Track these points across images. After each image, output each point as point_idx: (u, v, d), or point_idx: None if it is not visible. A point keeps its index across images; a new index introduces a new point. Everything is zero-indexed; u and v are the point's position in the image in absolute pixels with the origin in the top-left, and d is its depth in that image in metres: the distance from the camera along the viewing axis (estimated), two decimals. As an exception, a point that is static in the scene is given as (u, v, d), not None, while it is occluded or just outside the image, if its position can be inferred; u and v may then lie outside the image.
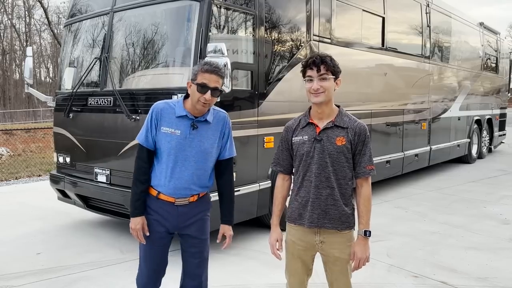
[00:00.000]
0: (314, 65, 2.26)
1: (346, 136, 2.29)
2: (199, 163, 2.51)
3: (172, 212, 2.53)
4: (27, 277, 4.11)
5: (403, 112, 7.99)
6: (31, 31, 43.69)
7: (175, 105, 2.50)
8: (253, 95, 4.87)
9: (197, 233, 2.60)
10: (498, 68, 13.25)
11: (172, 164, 2.47)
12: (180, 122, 2.46)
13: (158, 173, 2.52)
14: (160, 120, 2.47)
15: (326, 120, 2.33)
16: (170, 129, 2.46)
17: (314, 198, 2.31)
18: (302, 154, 2.33)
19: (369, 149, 2.32)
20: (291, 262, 2.44)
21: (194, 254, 2.62)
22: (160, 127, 2.47)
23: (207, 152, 2.52)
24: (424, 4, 8.61)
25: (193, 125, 2.47)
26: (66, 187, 5.43)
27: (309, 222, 2.32)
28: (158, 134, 2.48)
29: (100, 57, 5.01)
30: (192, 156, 2.48)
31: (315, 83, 2.26)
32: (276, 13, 5.21)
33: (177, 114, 2.47)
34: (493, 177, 9.51)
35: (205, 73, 2.40)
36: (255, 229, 5.40)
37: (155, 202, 2.54)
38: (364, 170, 2.30)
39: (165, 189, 2.50)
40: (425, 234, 5.42)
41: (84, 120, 5.22)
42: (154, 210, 2.55)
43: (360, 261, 2.28)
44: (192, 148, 2.48)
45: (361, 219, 2.31)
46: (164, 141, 2.47)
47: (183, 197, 2.53)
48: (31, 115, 37.43)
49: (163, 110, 2.49)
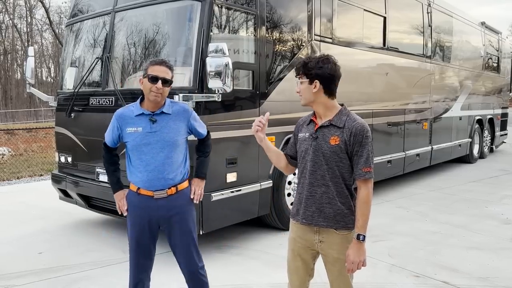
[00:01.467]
0: (295, 70, 2.39)
1: (340, 136, 2.26)
2: (167, 153, 2.69)
3: (152, 205, 2.70)
4: (28, 276, 4.12)
5: (405, 111, 7.98)
6: (33, 31, 43.80)
7: (133, 106, 2.75)
8: (254, 95, 4.87)
9: (179, 225, 2.75)
10: (499, 68, 13.23)
11: (142, 158, 2.69)
12: (139, 120, 2.69)
13: (134, 169, 2.73)
14: (122, 124, 2.73)
15: (325, 119, 2.34)
16: (133, 128, 2.69)
17: (308, 196, 2.32)
18: (302, 151, 2.37)
19: (367, 150, 2.25)
20: (292, 260, 2.45)
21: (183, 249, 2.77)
22: (125, 129, 2.71)
23: (172, 142, 2.71)
24: (425, 4, 8.60)
25: (151, 119, 2.68)
26: (68, 186, 5.44)
27: (302, 218, 2.34)
28: (125, 136, 2.73)
29: (101, 57, 5.02)
30: (158, 148, 2.68)
31: (297, 86, 2.37)
32: (277, 13, 5.21)
33: (135, 113, 2.71)
34: (495, 177, 9.50)
35: (154, 66, 2.65)
36: (257, 229, 5.41)
37: (136, 196, 2.74)
38: (359, 172, 2.25)
39: (142, 183, 2.70)
40: (426, 234, 5.41)
41: (86, 120, 5.23)
42: (136, 205, 2.75)
43: (353, 264, 2.23)
44: (157, 141, 2.68)
45: (357, 222, 2.25)
46: (130, 140, 2.70)
47: (160, 189, 2.69)
48: (32, 114, 37.50)
49: (123, 114, 2.75)
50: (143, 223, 2.73)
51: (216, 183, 4.45)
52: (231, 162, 4.62)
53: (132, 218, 2.77)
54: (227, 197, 4.56)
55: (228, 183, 4.59)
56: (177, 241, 2.77)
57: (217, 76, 3.90)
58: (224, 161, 4.54)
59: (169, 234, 2.78)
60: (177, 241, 2.77)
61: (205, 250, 4.57)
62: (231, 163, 4.62)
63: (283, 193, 5.30)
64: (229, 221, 4.77)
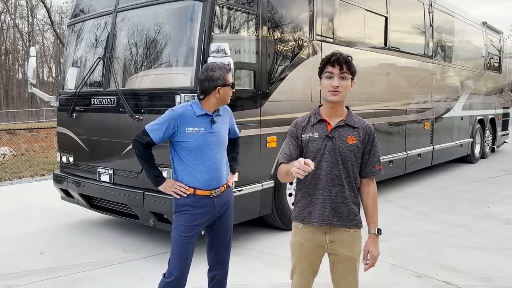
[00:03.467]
0: (337, 62, 2.27)
1: (357, 136, 2.31)
2: (222, 152, 2.85)
3: (209, 204, 2.80)
4: (30, 276, 4.13)
5: (406, 111, 7.98)
6: (34, 31, 43.88)
7: (191, 106, 2.79)
8: (256, 95, 4.87)
9: (227, 220, 2.93)
10: (501, 68, 13.22)
11: (203, 158, 2.75)
12: (201, 120, 2.76)
13: (191, 170, 2.75)
14: (181, 123, 2.72)
15: (337, 119, 2.33)
16: (194, 128, 2.74)
17: (325, 196, 2.30)
18: (312, 151, 2.31)
19: (378, 150, 2.37)
20: (298, 264, 2.42)
21: (224, 241, 2.94)
22: (184, 128, 2.72)
23: (225, 141, 2.89)
24: (427, 4, 8.60)
25: (213, 120, 2.79)
26: (70, 186, 5.45)
27: (320, 219, 2.30)
28: (183, 135, 2.72)
29: (103, 57, 5.02)
30: (217, 148, 2.81)
31: (336, 80, 2.26)
32: (279, 12, 5.21)
33: (197, 114, 2.76)
34: (496, 177, 9.49)
35: None
36: (258, 229, 5.41)
37: (192, 198, 2.77)
38: (373, 170, 2.35)
39: (202, 183, 2.76)
40: (428, 234, 5.41)
41: (87, 120, 5.23)
42: (192, 206, 2.78)
43: (375, 259, 2.35)
44: (216, 141, 2.80)
45: (373, 218, 2.37)
46: (191, 140, 2.72)
47: (216, 187, 2.80)
48: (34, 114, 37.53)
49: (183, 113, 2.75)
50: (201, 222, 2.81)
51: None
52: (233, 162, 4.61)
53: (186, 219, 2.78)
54: (229, 197, 4.55)
55: (230, 183, 4.59)
56: (222, 236, 2.92)
57: (218, 76, 3.90)
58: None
59: (217, 229, 2.91)
60: (222, 235, 2.92)
61: (206, 250, 4.59)
62: (233, 163, 4.61)
63: (284, 193, 5.30)
64: (230, 221, 4.76)
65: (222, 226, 2.92)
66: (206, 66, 2.81)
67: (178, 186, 2.77)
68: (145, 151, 2.80)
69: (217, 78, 2.74)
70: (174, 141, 2.77)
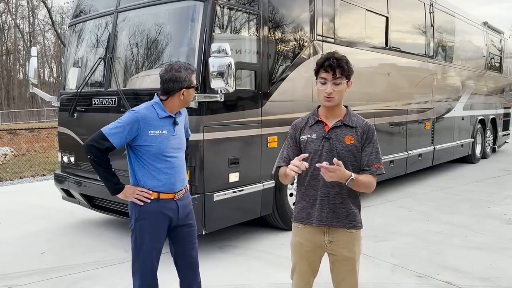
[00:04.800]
0: (330, 68, 2.23)
1: (355, 135, 2.29)
2: (183, 153, 2.78)
3: (173, 207, 2.70)
4: (31, 276, 4.13)
5: (407, 111, 7.97)
6: (35, 31, 43.90)
7: (153, 107, 2.67)
8: (257, 95, 4.87)
9: (192, 221, 2.83)
10: (502, 68, 13.20)
11: (167, 160, 2.66)
12: (164, 123, 2.66)
13: (155, 173, 2.64)
14: (144, 126, 2.59)
15: (334, 119, 2.33)
16: (157, 131, 2.62)
17: (322, 196, 2.30)
18: (310, 153, 2.31)
19: (377, 148, 2.33)
20: (298, 264, 2.43)
21: (191, 243, 2.81)
22: (147, 132, 2.59)
23: (184, 142, 2.83)
24: (428, 4, 8.59)
25: (175, 122, 2.71)
26: (71, 186, 5.45)
27: (318, 220, 2.31)
28: (146, 139, 2.59)
29: (104, 57, 5.02)
30: (179, 150, 2.74)
31: (329, 87, 2.24)
32: (279, 13, 5.21)
33: (160, 116, 2.65)
34: (497, 177, 9.48)
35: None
36: (259, 229, 5.41)
37: (156, 203, 2.65)
38: (370, 167, 2.29)
39: (166, 187, 2.66)
40: (428, 234, 5.41)
41: (89, 120, 5.24)
42: (156, 212, 2.66)
43: (331, 170, 2.09)
44: (178, 143, 2.73)
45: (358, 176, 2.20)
46: (156, 143, 2.61)
47: (179, 190, 2.72)
48: (35, 115, 37.56)
49: (146, 116, 2.62)
50: (165, 227, 2.70)
51: (218, 183, 4.45)
52: (234, 162, 4.62)
53: (151, 225, 2.65)
54: (230, 197, 4.56)
55: (231, 183, 4.59)
56: (188, 239, 2.81)
57: (219, 76, 3.90)
58: (227, 161, 4.55)
59: (181, 233, 2.78)
60: (188, 238, 2.81)
61: (207, 250, 4.59)
62: (234, 163, 4.62)
63: (285, 193, 5.30)
64: (231, 221, 4.77)
65: (188, 230, 2.80)
66: (171, 66, 2.65)
67: (140, 192, 2.62)
68: (103, 157, 2.62)
69: (183, 79, 2.63)
70: (134, 145, 2.61)
